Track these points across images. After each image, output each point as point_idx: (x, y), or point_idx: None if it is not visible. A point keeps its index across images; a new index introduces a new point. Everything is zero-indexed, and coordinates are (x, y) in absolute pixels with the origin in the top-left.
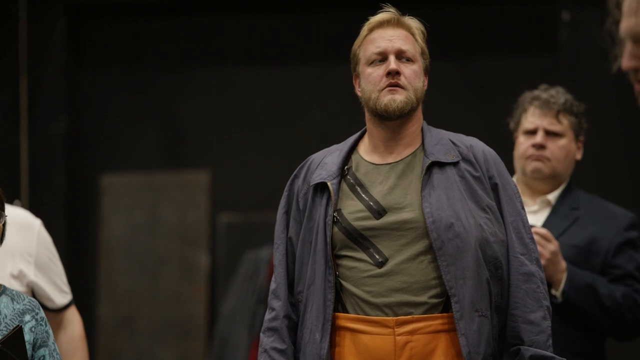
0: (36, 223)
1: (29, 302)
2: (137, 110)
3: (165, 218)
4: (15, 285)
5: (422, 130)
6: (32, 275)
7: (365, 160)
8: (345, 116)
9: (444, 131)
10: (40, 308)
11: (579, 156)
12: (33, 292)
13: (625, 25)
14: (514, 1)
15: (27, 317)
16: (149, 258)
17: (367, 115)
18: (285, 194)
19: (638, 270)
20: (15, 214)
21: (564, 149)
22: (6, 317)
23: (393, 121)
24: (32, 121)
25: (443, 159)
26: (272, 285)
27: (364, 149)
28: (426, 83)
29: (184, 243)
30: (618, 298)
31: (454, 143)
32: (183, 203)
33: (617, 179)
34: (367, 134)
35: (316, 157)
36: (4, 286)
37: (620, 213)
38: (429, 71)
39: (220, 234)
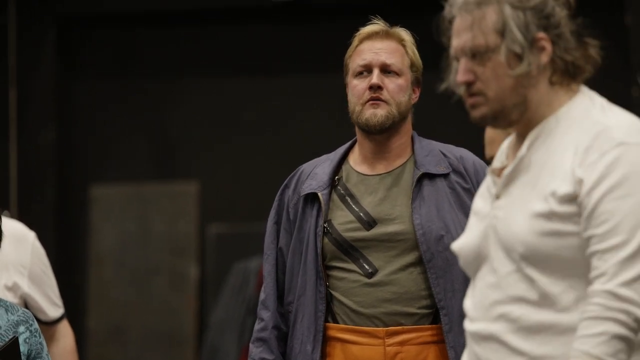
0: (30, 235)
1: (23, 313)
2: (126, 121)
3: (155, 228)
4: (9, 297)
5: (412, 141)
6: (26, 287)
7: (356, 171)
8: (335, 126)
9: (434, 142)
10: (34, 319)
11: None
12: (26, 304)
13: (459, 42)
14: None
15: (22, 329)
16: (139, 268)
17: (356, 126)
18: (275, 204)
19: None
20: (10, 226)
21: None
22: (0, 328)
23: (378, 135)
24: (22, 131)
25: (433, 171)
26: (262, 296)
27: (354, 160)
28: (416, 96)
29: (173, 253)
30: None
31: (444, 154)
32: (173, 213)
33: None
34: (357, 144)
35: (306, 167)
36: None
37: None
38: (420, 83)
39: (209, 245)
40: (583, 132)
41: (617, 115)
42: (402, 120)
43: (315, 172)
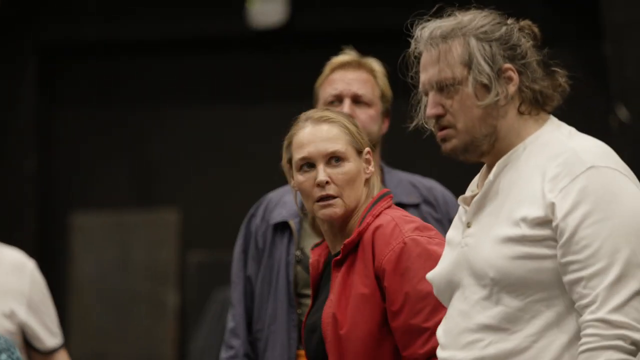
0: (29, 264)
1: (5, 341)
2: (107, 149)
3: (136, 256)
4: (5, 324)
5: (382, 171)
6: (24, 315)
7: None
8: None
9: (401, 172)
10: (16, 347)
11: None
12: (23, 332)
13: (427, 76)
14: None
15: (4, 357)
16: (120, 296)
17: None
18: (242, 233)
19: None
20: (9, 254)
21: None
22: None
23: None
24: (3, 160)
25: (405, 201)
26: (231, 324)
27: None
28: (386, 126)
29: (154, 281)
30: None
31: (413, 185)
32: (153, 241)
33: None
34: None
35: (273, 195)
36: None
37: None
38: (390, 113)
39: (189, 272)
40: (551, 156)
41: (585, 141)
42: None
43: (284, 201)
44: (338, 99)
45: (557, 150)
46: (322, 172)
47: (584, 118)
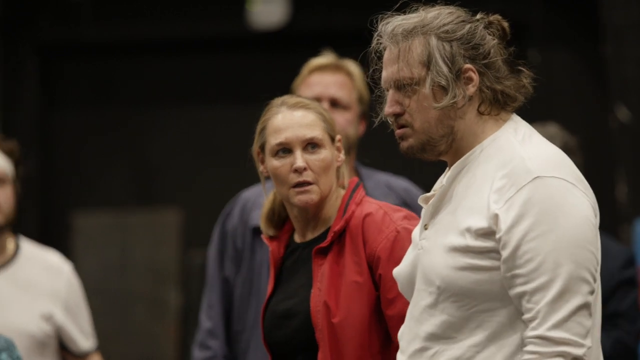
0: (66, 267)
1: (5, 341)
2: (108, 150)
3: (137, 256)
4: (43, 326)
5: (358, 173)
6: (61, 318)
7: None
8: None
9: (377, 173)
10: (16, 347)
11: None
12: (59, 334)
13: (387, 73)
14: None
15: (4, 356)
16: (120, 296)
17: None
18: (217, 233)
19: (631, 309)
20: (47, 257)
21: None
22: None
23: None
24: None
25: None
26: (207, 325)
27: None
28: (362, 128)
29: (154, 281)
30: (607, 349)
31: (390, 187)
32: (154, 241)
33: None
34: None
35: (249, 195)
36: None
37: (616, 250)
38: (366, 116)
39: (190, 272)
40: (500, 165)
41: (536, 148)
42: (347, 150)
43: (261, 203)
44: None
45: (506, 158)
46: (299, 158)
47: (584, 118)
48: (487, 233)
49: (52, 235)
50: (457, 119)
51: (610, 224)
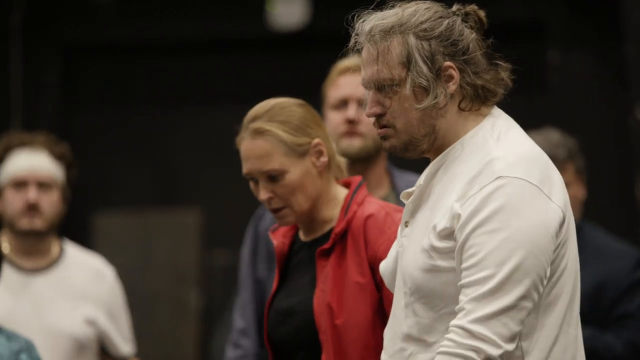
0: (110, 272)
1: (25, 342)
2: (130, 150)
3: (158, 256)
4: (86, 330)
5: (390, 175)
6: (103, 323)
7: None
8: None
9: (409, 174)
10: (35, 347)
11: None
12: (101, 338)
13: (367, 74)
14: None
15: (24, 357)
16: (142, 296)
17: None
18: (250, 234)
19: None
20: (90, 261)
21: None
22: (3, 356)
23: (357, 164)
24: None
25: None
26: (240, 324)
27: None
28: None
29: (176, 282)
30: (618, 350)
31: None
32: (175, 241)
33: (609, 219)
34: None
35: None
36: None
37: (626, 251)
38: None
39: (212, 272)
40: (474, 164)
41: (508, 146)
42: (378, 152)
43: None
44: (343, 103)
45: (480, 156)
46: (262, 191)
47: (604, 118)
48: (449, 233)
49: (73, 235)
50: (438, 118)
51: (630, 223)
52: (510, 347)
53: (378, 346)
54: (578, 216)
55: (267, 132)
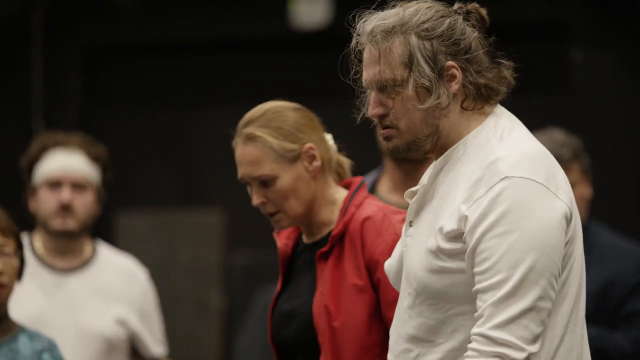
0: (142, 273)
1: (47, 341)
2: (151, 149)
3: (180, 256)
4: (117, 331)
5: None
6: (135, 323)
7: (388, 201)
8: (356, 150)
9: None
10: (57, 347)
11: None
12: (133, 339)
13: (369, 75)
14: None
15: (46, 356)
16: (163, 296)
17: (385, 156)
18: None
19: None
20: (123, 262)
21: None
22: (25, 356)
23: (406, 163)
24: None
25: None
26: None
27: (385, 188)
28: None
29: (198, 281)
30: (627, 349)
31: None
32: (197, 241)
33: (630, 218)
34: (385, 172)
35: None
36: (22, 326)
37: (634, 249)
38: None
39: (233, 272)
40: (477, 164)
41: (512, 145)
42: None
43: None
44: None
45: (483, 156)
46: (255, 196)
47: (625, 117)
48: (457, 235)
49: (95, 235)
50: (441, 118)
51: None
52: (534, 348)
53: (374, 347)
54: (584, 216)
55: (258, 138)
